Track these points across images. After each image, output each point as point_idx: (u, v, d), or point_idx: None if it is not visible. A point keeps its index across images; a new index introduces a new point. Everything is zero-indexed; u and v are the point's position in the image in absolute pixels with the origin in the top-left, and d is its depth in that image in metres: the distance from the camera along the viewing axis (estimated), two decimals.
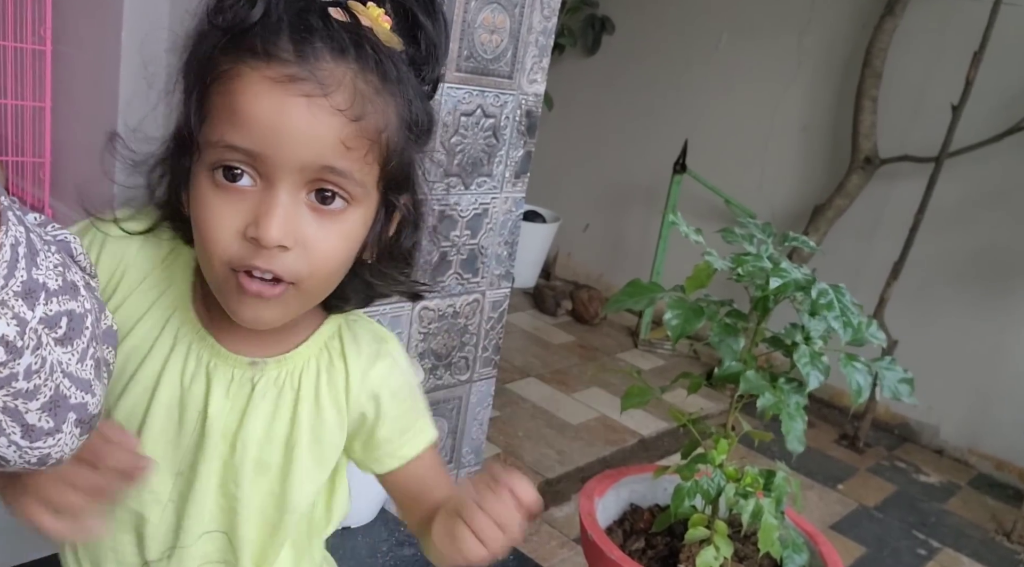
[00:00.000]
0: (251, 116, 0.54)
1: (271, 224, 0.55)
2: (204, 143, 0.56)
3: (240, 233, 0.56)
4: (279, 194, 0.56)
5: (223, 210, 0.56)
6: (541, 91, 1.53)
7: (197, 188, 0.58)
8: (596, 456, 2.39)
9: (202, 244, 0.58)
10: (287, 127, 0.54)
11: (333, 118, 0.55)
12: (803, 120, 3.07)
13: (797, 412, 1.06)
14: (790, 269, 1.06)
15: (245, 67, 0.54)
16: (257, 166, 0.56)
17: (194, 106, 0.57)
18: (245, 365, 0.66)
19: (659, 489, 1.38)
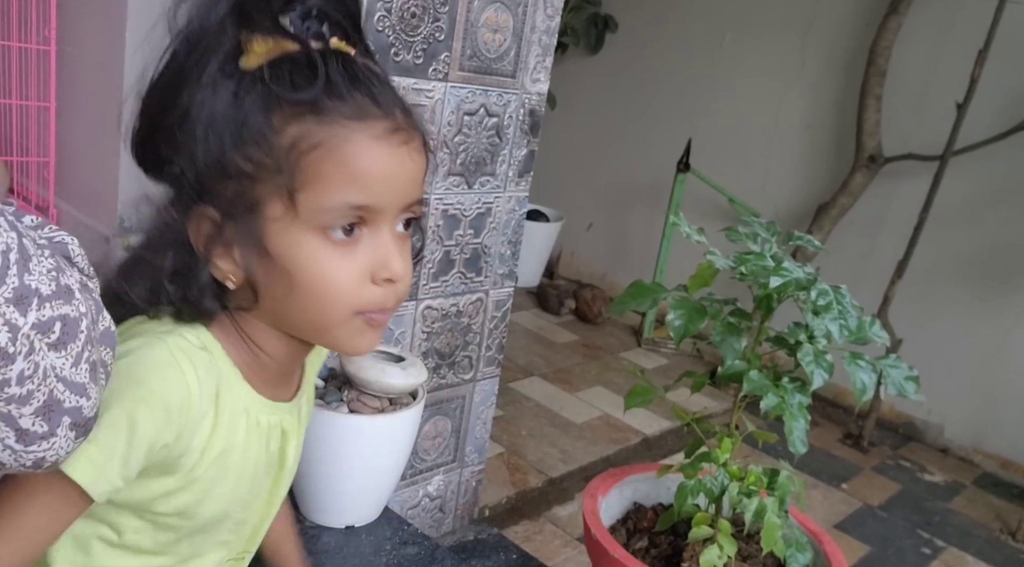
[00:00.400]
0: (370, 174, 0.57)
1: (398, 263, 0.60)
2: (313, 208, 0.57)
3: (366, 280, 0.59)
4: (388, 233, 0.60)
5: (345, 264, 0.59)
6: (544, 90, 1.53)
7: (307, 251, 0.58)
8: (599, 455, 2.39)
9: (327, 300, 0.59)
10: (398, 176, 0.59)
11: (420, 157, 0.61)
12: (807, 118, 3.07)
13: (800, 412, 1.06)
14: (792, 268, 1.06)
15: (345, 131, 0.56)
16: (368, 216, 0.59)
17: (287, 175, 0.57)
18: (298, 402, 0.71)
19: (662, 488, 1.38)
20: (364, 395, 1.20)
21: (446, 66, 1.34)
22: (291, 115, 0.56)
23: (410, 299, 1.43)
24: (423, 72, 1.31)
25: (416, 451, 1.57)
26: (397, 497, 1.57)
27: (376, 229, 0.59)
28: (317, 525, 1.23)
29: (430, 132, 0.64)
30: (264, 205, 0.58)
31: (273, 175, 0.57)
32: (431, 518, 1.68)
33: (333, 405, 1.18)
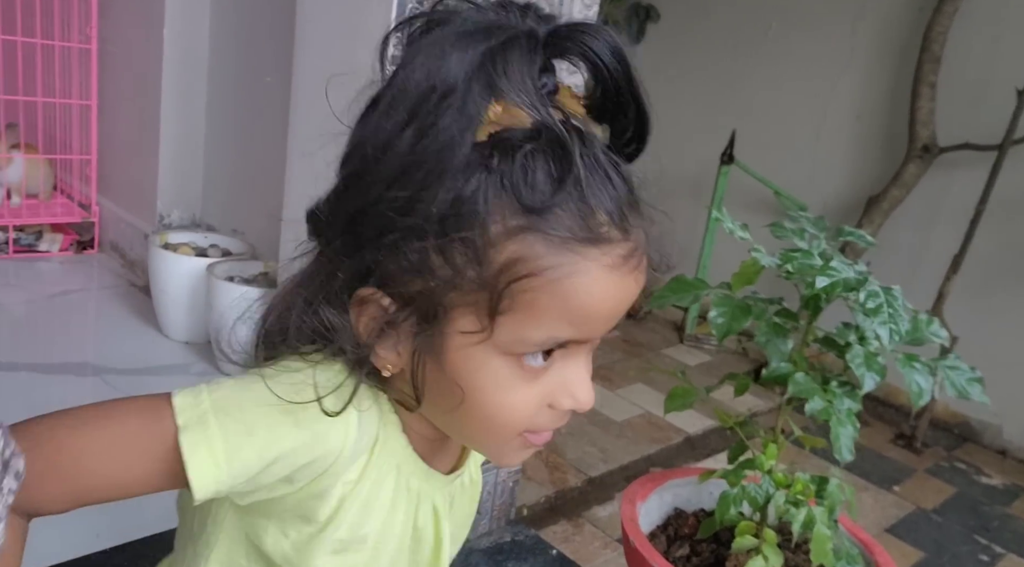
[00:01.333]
0: (592, 311, 0.49)
1: (587, 394, 0.53)
2: (512, 338, 0.49)
3: (544, 405, 0.53)
4: (585, 360, 0.53)
5: (529, 389, 0.51)
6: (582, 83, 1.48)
7: (490, 373, 0.50)
8: (641, 454, 2.34)
9: (499, 420, 0.52)
10: (623, 307, 0.51)
11: (644, 276, 0.52)
12: (857, 108, 2.96)
13: (848, 418, 1.00)
14: (841, 267, 1.00)
15: (577, 259, 0.47)
16: (569, 344, 0.51)
17: (493, 295, 0.47)
18: (454, 479, 0.64)
19: (704, 493, 1.34)
20: None
21: None
22: (516, 226, 0.46)
23: None
24: None
25: None
26: None
27: (573, 354, 0.52)
28: None
29: None
30: (453, 315, 0.49)
31: (475, 290, 0.47)
32: None
33: None
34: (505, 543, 1.69)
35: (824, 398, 1.03)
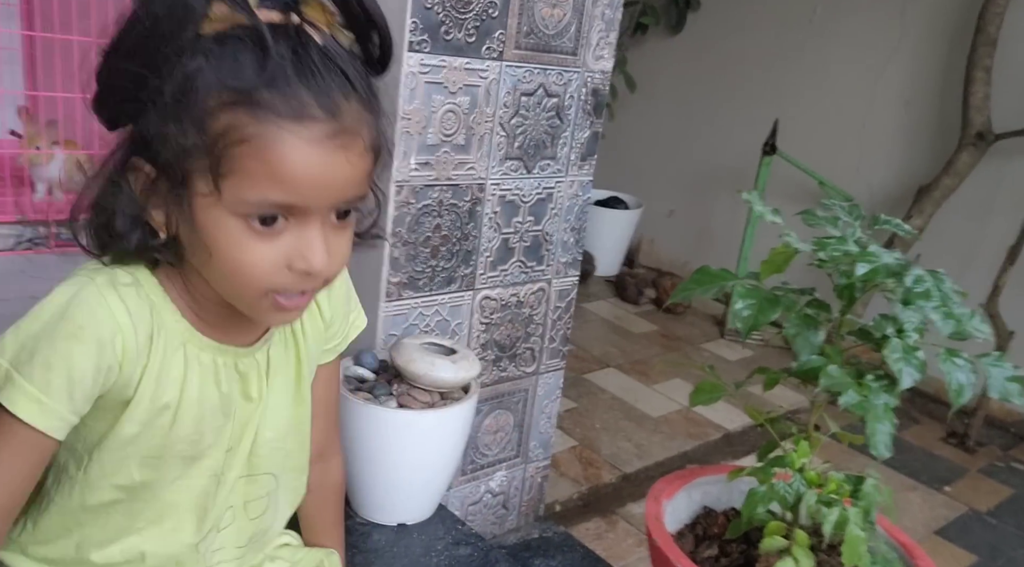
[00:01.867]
0: (296, 177, 0.56)
1: (317, 258, 0.59)
2: (235, 197, 0.57)
3: (282, 266, 0.59)
4: (316, 228, 0.59)
5: (261, 250, 0.59)
6: (608, 68, 1.44)
7: (225, 232, 0.58)
8: (677, 450, 2.29)
9: (239, 279, 0.60)
10: (329, 178, 0.58)
11: (362, 159, 0.59)
12: (906, 94, 2.85)
13: (886, 414, 0.95)
14: (880, 253, 0.95)
15: (278, 130, 0.55)
16: (292, 211, 0.58)
17: (206, 158, 0.56)
18: (260, 349, 0.72)
19: (735, 491, 1.28)
20: (414, 389, 1.15)
21: (501, 44, 1.27)
22: (227, 101, 0.55)
23: (466, 289, 1.38)
24: (476, 51, 1.24)
25: (476, 446, 1.52)
26: (457, 493, 1.52)
27: (303, 222, 0.59)
28: (368, 522, 1.19)
29: (388, 121, 0.62)
30: (193, 180, 0.58)
31: (202, 156, 0.56)
32: (494, 515, 1.63)
33: (382, 399, 1.14)
34: (532, 540, 1.66)
35: (859, 392, 0.98)
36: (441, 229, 1.31)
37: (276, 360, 0.74)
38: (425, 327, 1.34)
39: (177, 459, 0.69)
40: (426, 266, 1.31)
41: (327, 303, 0.78)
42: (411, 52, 1.17)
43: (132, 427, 0.65)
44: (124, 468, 0.67)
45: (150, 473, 0.68)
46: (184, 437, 0.68)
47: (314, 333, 0.78)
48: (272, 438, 0.75)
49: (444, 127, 1.25)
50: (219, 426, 0.71)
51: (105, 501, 0.69)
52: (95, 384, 0.61)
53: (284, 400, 0.76)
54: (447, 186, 1.29)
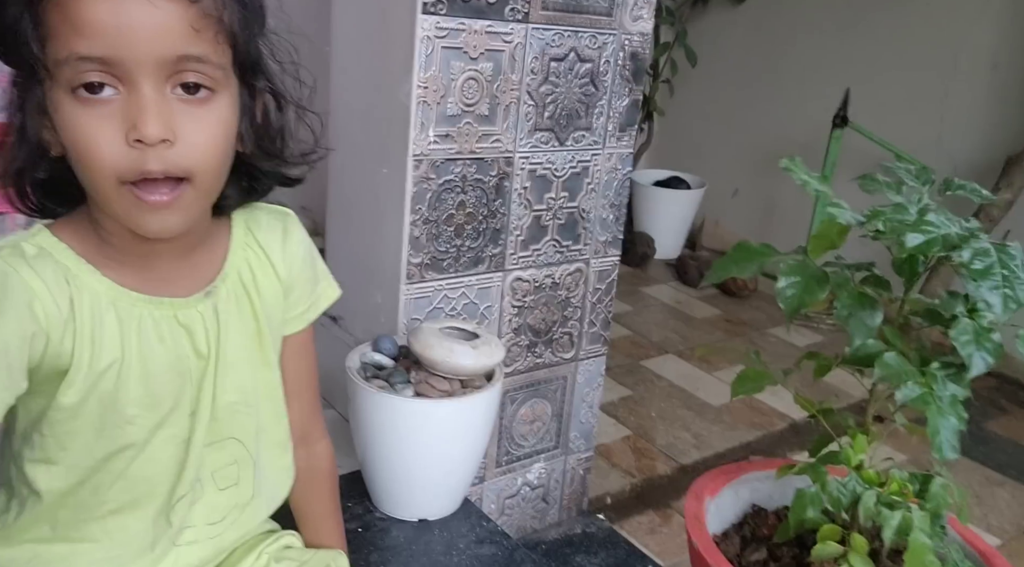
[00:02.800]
0: (93, 22, 0.54)
1: (148, 120, 0.56)
2: (53, 64, 0.55)
3: (122, 142, 0.56)
4: (145, 92, 0.56)
5: (97, 124, 0.56)
6: (648, 29, 1.33)
7: (62, 113, 0.57)
8: (738, 441, 2.17)
9: (87, 165, 0.57)
10: (133, 23, 0.54)
11: (172, 4, 0.55)
12: (994, 57, 2.62)
13: (952, 407, 0.82)
14: (940, 222, 0.82)
15: None
16: (115, 72, 0.55)
17: (30, 31, 0.55)
18: (202, 299, 0.69)
19: (788, 488, 1.17)
20: (432, 377, 1.08)
21: (526, 5, 1.18)
22: None
23: (496, 270, 1.30)
24: (499, 13, 1.16)
25: (511, 436, 1.45)
26: (492, 486, 1.45)
27: (133, 88, 0.56)
28: (388, 517, 1.13)
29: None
30: (35, 68, 0.56)
31: (24, 35, 0.55)
32: (533, 509, 1.55)
33: (398, 387, 1.07)
34: (575, 535, 1.58)
35: (921, 384, 0.86)
36: (465, 206, 1.23)
37: (226, 315, 0.70)
38: (451, 310, 1.27)
39: (135, 427, 0.66)
40: (450, 246, 1.23)
41: (281, 258, 0.75)
42: (425, 15, 1.09)
43: (74, 395, 0.63)
44: (80, 442, 0.65)
45: (109, 444, 0.66)
46: (135, 400, 0.66)
47: (270, 290, 0.74)
48: (235, 401, 0.72)
49: (465, 96, 1.17)
50: (177, 387, 0.68)
51: (72, 483, 0.67)
52: (22, 354, 0.59)
53: (243, 359, 0.72)
54: (471, 160, 1.21)
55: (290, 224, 0.76)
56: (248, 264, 0.73)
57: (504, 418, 1.41)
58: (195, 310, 0.68)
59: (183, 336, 0.68)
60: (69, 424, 0.65)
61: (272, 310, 0.75)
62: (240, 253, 0.72)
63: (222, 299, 0.70)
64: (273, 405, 0.76)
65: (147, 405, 0.66)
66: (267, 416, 0.76)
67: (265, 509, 0.79)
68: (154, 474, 0.69)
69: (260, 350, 0.74)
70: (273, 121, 0.68)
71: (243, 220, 0.74)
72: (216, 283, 0.70)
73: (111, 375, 0.64)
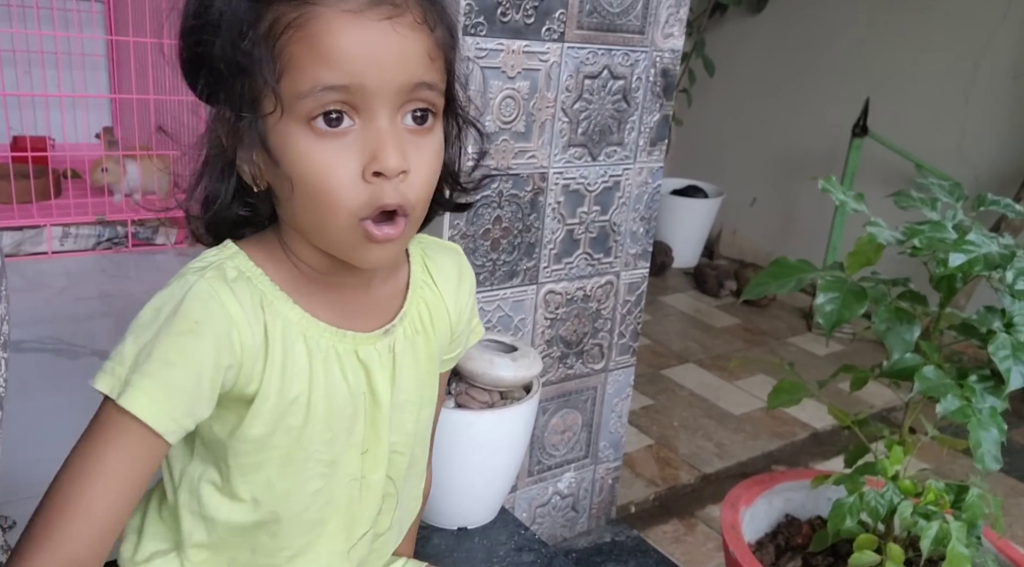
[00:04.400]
0: (342, 52, 0.54)
1: (390, 153, 0.55)
2: (292, 96, 0.55)
3: (359, 176, 0.56)
4: (382, 123, 0.56)
5: (336, 157, 0.56)
6: (679, 46, 1.36)
7: (295, 146, 0.56)
8: (760, 450, 2.18)
9: (323, 199, 0.57)
10: (379, 53, 0.55)
11: (416, 33, 0.56)
12: (1015, 65, 2.63)
13: (992, 419, 0.84)
14: (981, 241, 0.84)
15: (320, 8, 0.54)
16: (355, 102, 0.55)
17: (267, 63, 0.55)
18: (381, 337, 0.67)
19: (821, 498, 1.19)
20: (473, 388, 1.10)
21: (561, 25, 1.21)
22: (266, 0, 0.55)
23: (530, 283, 1.32)
24: (535, 33, 1.18)
25: (543, 446, 1.47)
26: (524, 494, 1.47)
27: (369, 118, 0.56)
28: (429, 525, 1.15)
29: (447, 5, 0.60)
30: (260, 101, 0.56)
31: (259, 66, 0.55)
32: (563, 517, 1.57)
33: None
34: (604, 544, 1.59)
35: (960, 396, 0.87)
36: (502, 221, 1.25)
37: (402, 356, 0.69)
38: (487, 323, 1.29)
39: (315, 463, 0.65)
40: (487, 259, 1.26)
41: (454, 301, 0.73)
42: (466, 36, 1.11)
43: (261, 426, 0.62)
44: (263, 477, 0.64)
45: (290, 481, 0.65)
46: (318, 436, 0.64)
47: (442, 331, 0.73)
48: (396, 441, 0.70)
49: (503, 114, 1.19)
50: (352, 425, 0.66)
51: (252, 520, 0.65)
52: (215, 382, 0.59)
53: (411, 400, 0.71)
54: (507, 176, 1.23)
55: (464, 265, 0.76)
56: (426, 303, 0.71)
57: (537, 428, 1.43)
58: (374, 347, 0.66)
59: (362, 373, 0.66)
60: (255, 456, 0.63)
61: (441, 350, 0.74)
62: (419, 292, 0.71)
63: (399, 339, 0.69)
64: (424, 441, 0.76)
65: (327, 441, 0.65)
66: (418, 452, 0.74)
67: (396, 540, 0.78)
68: (330, 516, 0.68)
69: (426, 390, 0.72)
70: (459, 148, 0.68)
71: (420, 257, 0.72)
72: (395, 322, 0.68)
73: (299, 408, 0.63)
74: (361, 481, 0.68)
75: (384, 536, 0.75)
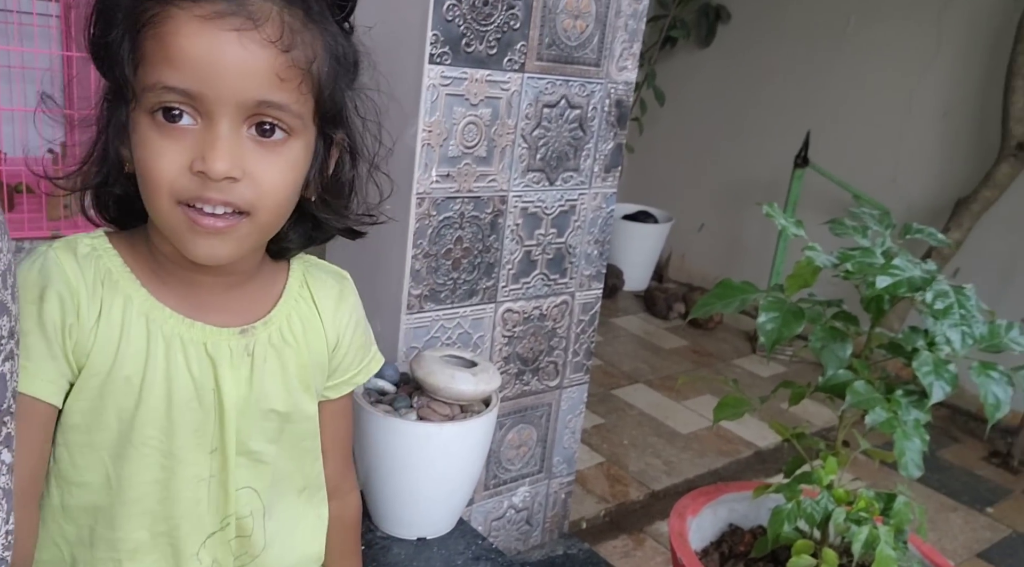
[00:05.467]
0: (185, 55, 0.55)
1: (216, 157, 0.57)
2: (141, 88, 0.57)
3: (187, 168, 0.58)
4: (221, 128, 0.57)
5: (167, 148, 0.57)
6: (632, 79, 1.43)
7: (139, 133, 0.59)
8: (707, 468, 2.25)
9: (149, 183, 0.59)
10: (221, 63, 0.56)
11: (265, 50, 0.56)
12: (944, 105, 2.79)
13: (916, 430, 0.92)
14: (905, 265, 0.92)
15: (175, 8, 0.56)
16: (196, 105, 0.57)
17: (127, 53, 0.58)
18: (236, 335, 0.68)
19: (762, 509, 1.25)
20: (434, 402, 1.14)
21: (522, 56, 1.27)
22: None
23: (488, 302, 1.37)
24: (497, 63, 1.24)
25: (499, 460, 1.51)
26: (480, 508, 1.51)
27: (210, 122, 0.57)
28: (388, 536, 1.18)
29: (331, 33, 0.60)
30: (125, 89, 0.59)
31: (119, 56, 0.58)
32: (517, 531, 1.61)
33: (402, 412, 1.13)
34: (557, 557, 1.64)
35: (887, 409, 0.95)
36: (463, 241, 1.30)
37: (262, 361, 0.69)
38: (447, 340, 1.33)
39: (151, 450, 0.65)
40: (447, 278, 1.30)
41: (332, 319, 0.74)
42: (432, 64, 1.17)
43: (85, 401, 0.63)
44: (96, 460, 0.65)
45: (125, 467, 0.65)
46: (153, 421, 0.64)
47: (317, 346, 0.73)
48: (258, 450, 0.69)
49: (465, 139, 1.25)
50: (198, 420, 0.66)
51: (86, 503, 0.66)
52: (61, 339, 0.61)
53: (275, 408, 0.70)
54: (469, 198, 1.29)
55: (346, 288, 0.77)
56: (299, 316, 0.71)
57: (493, 443, 1.47)
58: (226, 344, 0.66)
59: (209, 366, 0.66)
60: (85, 436, 0.64)
61: (316, 367, 0.73)
62: (292, 303, 0.71)
63: (260, 343, 0.68)
64: (299, 454, 0.74)
65: (165, 430, 0.65)
66: (290, 465, 0.73)
67: (287, 559, 0.76)
68: (174, 515, 0.67)
69: (296, 402, 0.71)
70: (343, 174, 0.68)
71: (301, 272, 0.73)
72: (256, 325, 0.69)
73: (130, 389, 0.63)
74: (209, 482, 0.68)
75: (261, 557, 0.73)
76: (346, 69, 0.63)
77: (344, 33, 0.63)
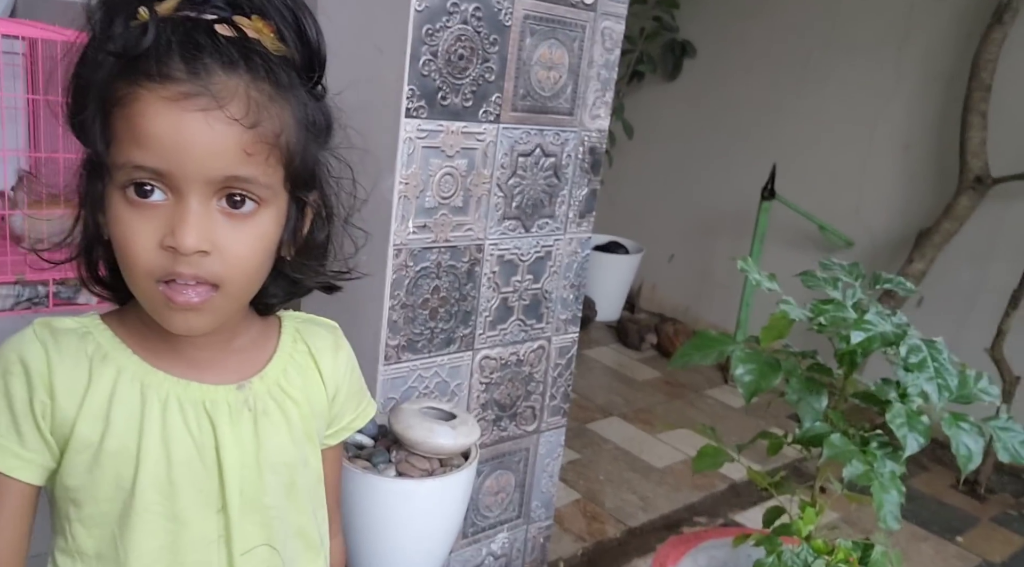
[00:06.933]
0: (152, 136, 0.57)
1: (185, 232, 0.58)
2: (113, 165, 0.59)
3: (158, 245, 0.59)
4: (190, 204, 0.58)
5: (139, 225, 0.59)
6: (605, 126, 1.45)
7: (113, 209, 0.60)
8: (683, 502, 2.26)
9: (124, 260, 0.60)
10: (187, 142, 0.57)
11: (230, 128, 0.57)
12: (905, 138, 2.87)
13: (892, 483, 0.93)
14: (877, 320, 0.94)
15: (142, 90, 0.57)
16: (165, 181, 0.58)
17: (99, 132, 0.59)
18: (234, 391, 0.68)
19: (742, 555, 1.26)
20: (413, 456, 1.13)
21: (497, 107, 1.28)
22: (108, 73, 0.58)
23: (466, 349, 1.37)
24: (473, 115, 1.25)
25: (477, 507, 1.50)
26: (458, 556, 1.49)
27: (180, 197, 0.59)
28: None
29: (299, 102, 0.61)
30: (99, 164, 0.60)
31: (93, 134, 0.59)
32: None
33: (380, 467, 1.12)
34: None
35: (864, 461, 0.96)
36: (440, 291, 1.30)
37: (264, 415, 0.69)
38: (424, 389, 1.33)
39: (153, 515, 0.65)
40: (424, 328, 1.30)
41: (331, 369, 0.75)
42: (408, 118, 1.17)
43: (78, 476, 0.64)
44: (105, 532, 0.65)
45: (132, 536, 0.64)
46: (153, 485, 0.64)
47: (317, 397, 0.74)
48: (270, 505, 0.70)
49: (442, 190, 1.25)
50: (200, 479, 0.66)
51: None
52: (39, 417, 0.62)
53: (281, 461, 0.70)
54: (445, 248, 1.29)
55: (340, 338, 0.78)
56: (296, 369, 0.72)
57: (471, 490, 1.46)
58: (224, 400, 0.67)
59: (208, 425, 0.66)
60: (92, 508, 0.64)
61: (318, 417, 0.74)
62: (287, 357, 0.72)
63: (260, 397, 0.69)
64: (312, 508, 0.75)
65: (167, 493, 0.65)
66: (303, 520, 0.74)
67: None
68: None
69: (303, 454, 0.72)
70: (317, 233, 0.69)
71: (293, 327, 0.75)
72: (253, 379, 0.69)
73: (127, 455, 0.63)
74: (218, 543, 0.68)
75: None
76: (317, 133, 0.64)
77: (315, 98, 0.64)
